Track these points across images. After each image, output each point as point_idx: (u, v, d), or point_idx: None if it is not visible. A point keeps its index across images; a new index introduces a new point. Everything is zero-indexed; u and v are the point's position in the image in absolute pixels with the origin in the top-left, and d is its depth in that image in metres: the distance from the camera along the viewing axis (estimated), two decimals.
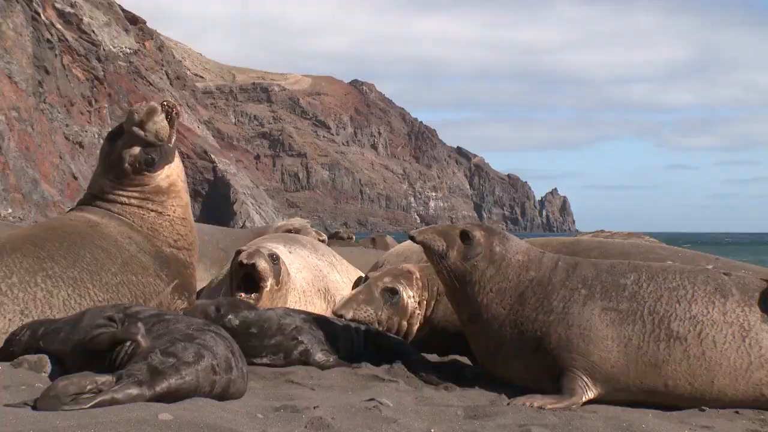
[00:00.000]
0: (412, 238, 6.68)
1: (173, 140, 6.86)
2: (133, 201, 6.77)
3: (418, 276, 7.82)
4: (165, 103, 6.82)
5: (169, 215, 6.87)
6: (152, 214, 6.81)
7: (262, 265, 7.75)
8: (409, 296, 7.73)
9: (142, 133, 6.68)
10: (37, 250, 6.29)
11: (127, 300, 6.36)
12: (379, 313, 7.58)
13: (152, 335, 5.37)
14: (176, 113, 6.77)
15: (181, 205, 6.96)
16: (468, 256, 6.50)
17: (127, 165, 6.73)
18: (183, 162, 7.29)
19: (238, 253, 8.04)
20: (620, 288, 6.28)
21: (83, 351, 5.49)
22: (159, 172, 6.81)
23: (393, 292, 7.67)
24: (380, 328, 7.45)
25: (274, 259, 7.92)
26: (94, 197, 6.85)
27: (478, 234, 6.54)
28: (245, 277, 7.78)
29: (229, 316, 6.67)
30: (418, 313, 7.76)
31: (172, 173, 6.92)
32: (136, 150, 6.71)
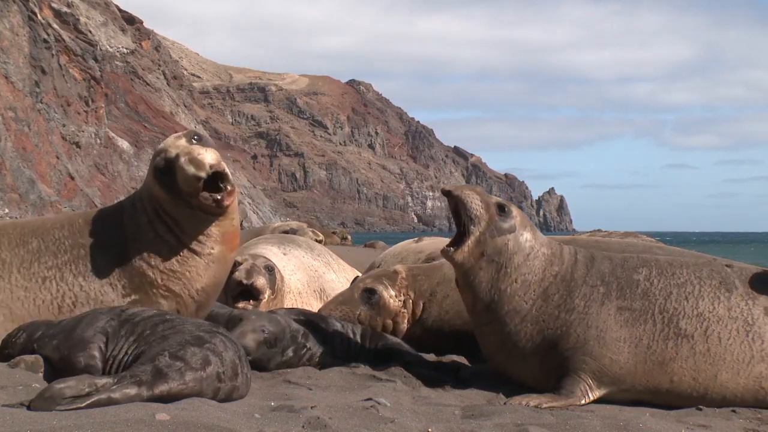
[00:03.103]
0: (448, 193, 6.34)
1: (226, 205, 6.19)
2: (145, 218, 6.27)
3: (404, 275, 7.86)
4: (227, 190, 6.13)
5: (171, 244, 6.24)
6: (153, 236, 6.24)
7: (260, 282, 7.99)
8: (391, 296, 7.77)
9: (192, 195, 6.10)
10: None
11: (48, 295, 6.24)
12: (357, 312, 7.63)
13: (157, 336, 5.34)
14: (226, 195, 6.10)
15: (206, 247, 6.25)
16: (500, 229, 6.29)
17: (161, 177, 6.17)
18: None
19: (234, 265, 8.09)
20: (634, 285, 6.27)
21: (72, 366, 5.45)
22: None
23: (371, 292, 7.74)
24: (365, 327, 7.46)
25: (270, 270, 8.09)
26: (131, 197, 6.52)
27: (515, 211, 6.42)
28: (243, 291, 7.99)
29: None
30: (404, 311, 7.79)
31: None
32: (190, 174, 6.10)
